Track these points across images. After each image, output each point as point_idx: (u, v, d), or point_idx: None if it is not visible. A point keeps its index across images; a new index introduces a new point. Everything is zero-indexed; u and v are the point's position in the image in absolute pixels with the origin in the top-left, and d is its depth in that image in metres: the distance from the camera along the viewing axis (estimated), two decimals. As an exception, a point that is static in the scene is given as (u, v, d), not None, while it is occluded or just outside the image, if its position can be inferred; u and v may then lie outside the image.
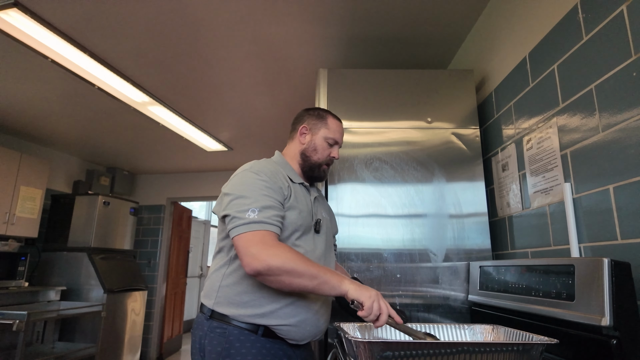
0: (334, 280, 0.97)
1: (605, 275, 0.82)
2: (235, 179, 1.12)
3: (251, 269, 0.96)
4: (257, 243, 0.97)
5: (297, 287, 0.97)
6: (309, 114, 1.27)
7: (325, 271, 0.98)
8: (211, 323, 1.06)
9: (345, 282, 0.97)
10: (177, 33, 2.05)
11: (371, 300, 0.93)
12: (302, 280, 0.96)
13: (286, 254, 0.97)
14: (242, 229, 0.99)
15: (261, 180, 1.08)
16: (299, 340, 1.08)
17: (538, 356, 0.75)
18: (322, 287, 0.96)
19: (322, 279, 0.96)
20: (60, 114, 3.17)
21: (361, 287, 0.96)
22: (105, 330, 3.50)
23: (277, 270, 0.95)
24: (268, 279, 0.97)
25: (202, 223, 7.06)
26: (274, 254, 0.96)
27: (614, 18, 1.00)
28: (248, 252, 0.97)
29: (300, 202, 1.14)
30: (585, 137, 1.10)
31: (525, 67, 1.42)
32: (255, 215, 1.01)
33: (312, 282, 0.96)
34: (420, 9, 1.85)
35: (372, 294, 0.94)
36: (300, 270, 0.95)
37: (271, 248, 0.97)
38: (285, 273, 0.95)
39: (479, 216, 1.52)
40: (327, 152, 1.24)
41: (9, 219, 3.28)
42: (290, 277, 0.95)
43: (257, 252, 0.96)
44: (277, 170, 1.15)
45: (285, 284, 0.97)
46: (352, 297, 0.94)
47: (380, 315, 0.93)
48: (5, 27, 1.96)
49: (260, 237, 0.98)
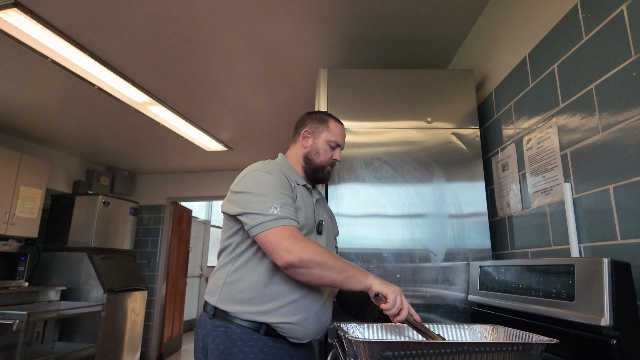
0: (360, 274, 1.01)
1: (605, 275, 0.82)
2: (247, 178, 1.13)
3: (284, 262, 0.99)
4: (289, 237, 1.00)
5: (327, 279, 1.00)
6: (311, 118, 1.30)
7: (352, 266, 1.03)
8: (214, 322, 1.07)
9: (370, 277, 1.02)
10: (177, 33, 2.05)
11: (395, 294, 0.97)
12: (331, 274, 0.99)
13: (316, 248, 1.01)
14: (269, 224, 1.02)
15: (275, 179, 1.10)
16: (301, 338, 1.08)
17: (538, 356, 0.75)
18: (349, 280, 1.00)
19: (349, 272, 1.01)
20: (60, 114, 3.17)
21: (385, 282, 1.01)
22: (105, 330, 3.51)
23: (310, 263, 0.98)
24: (299, 272, 1.00)
25: (202, 223, 7.06)
26: (305, 247, 0.99)
27: (614, 18, 1.00)
28: (281, 246, 0.99)
29: (305, 204, 1.16)
30: (585, 137, 1.10)
31: (525, 67, 1.42)
32: (278, 211, 1.03)
33: (341, 275, 1.00)
34: (420, 9, 1.85)
35: (395, 289, 0.98)
36: (330, 264, 0.99)
37: (302, 242, 1.01)
38: (317, 266, 0.99)
39: (479, 216, 1.52)
40: (329, 155, 1.26)
41: (9, 219, 3.28)
42: (322, 270, 0.99)
43: (290, 246, 0.99)
44: (284, 172, 1.17)
45: (316, 276, 1.00)
46: (376, 290, 0.98)
47: (401, 310, 0.97)
48: (5, 27, 1.96)
49: (290, 232, 1.01)
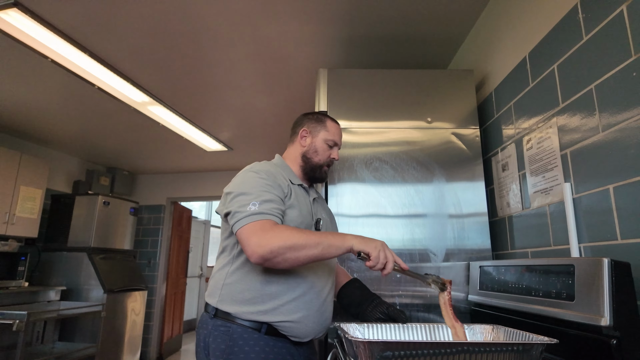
0: (337, 240, 0.99)
1: (605, 275, 0.82)
2: (236, 179, 1.15)
3: (256, 257, 0.98)
4: (257, 231, 0.99)
5: (304, 258, 0.98)
6: (308, 118, 1.31)
7: (326, 235, 1.00)
8: (215, 322, 1.08)
9: (348, 237, 0.99)
10: (177, 33, 2.05)
11: (377, 250, 0.96)
12: (307, 251, 0.97)
13: (283, 232, 0.99)
14: (243, 221, 1.02)
15: (261, 178, 1.11)
16: (302, 337, 1.09)
17: (538, 356, 0.75)
18: (328, 250, 0.98)
19: (325, 243, 0.98)
20: (60, 114, 3.17)
21: (365, 239, 0.98)
22: (105, 330, 3.50)
23: (280, 249, 0.96)
24: (275, 261, 0.98)
25: (202, 223, 7.06)
26: (272, 236, 0.97)
27: (614, 18, 1.00)
28: (250, 241, 0.98)
29: (300, 202, 1.16)
30: (585, 137, 1.10)
31: (525, 67, 1.42)
32: (256, 207, 1.03)
33: (317, 249, 0.97)
34: (420, 9, 1.85)
35: (377, 244, 0.97)
36: (302, 243, 0.97)
37: (269, 232, 0.99)
38: (289, 250, 0.97)
39: (479, 216, 1.52)
40: (327, 154, 1.28)
41: (9, 219, 3.28)
42: (295, 252, 0.97)
43: (258, 239, 0.97)
44: (277, 171, 1.18)
45: (292, 259, 0.98)
46: (358, 249, 0.97)
47: (386, 263, 0.96)
48: (5, 27, 1.96)
49: (260, 226, 1.00)
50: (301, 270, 1.10)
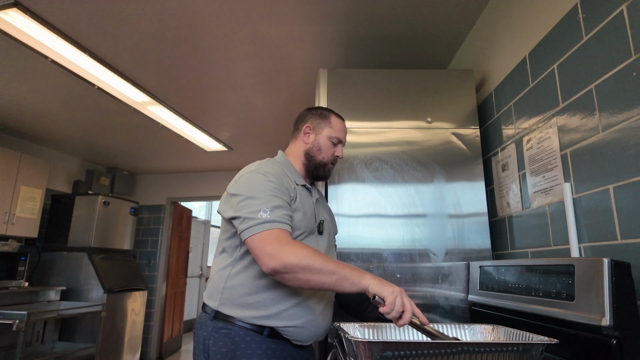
0: (354, 275, 0.93)
1: (605, 275, 0.82)
2: (242, 180, 1.10)
3: (268, 268, 0.94)
4: (273, 241, 0.96)
5: (315, 284, 0.94)
6: (311, 114, 1.27)
7: (344, 267, 0.95)
8: (216, 324, 1.06)
9: (367, 277, 0.93)
10: (177, 33, 2.05)
11: (394, 295, 0.88)
12: (320, 277, 0.93)
13: (302, 251, 0.95)
14: (256, 229, 0.98)
15: (269, 182, 1.07)
16: (304, 341, 1.08)
17: (538, 356, 0.75)
18: (341, 283, 0.93)
19: (341, 274, 0.93)
20: (60, 114, 3.17)
21: (383, 282, 0.92)
22: (105, 330, 3.51)
23: (294, 268, 0.93)
24: (286, 277, 0.95)
25: (202, 223, 7.06)
26: (289, 251, 0.94)
27: (614, 18, 1.00)
28: (264, 251, 0.95)
29: (305, 204, 1.13)
30: (585, 137, 1.10)
31: (525, 67, 1.42)
32: (267, 215, 0.99)
33: (331, 278, 0.93)
34: (420, 9, 1.85)
35: (394, 289, 0.89)
36: (318, 267, 0.93)
37: (286, 245, 0.95)
38: (302, 270, 0.93)
39: (479, 216, 1.52)
40: (331, 151, 1.23)
41: (9, 219, 3.28)
42: (308, 274, 0.93)
43: (274, 251, 0.94)
44: (283, 173, 1.15)
45: (303, 281, 0.94)
46: (373, 292, 0.90)
47: (404, 312, 0.88)
48: (5, 27, 1.96)
49: (275, 236, 0.97)
50: None
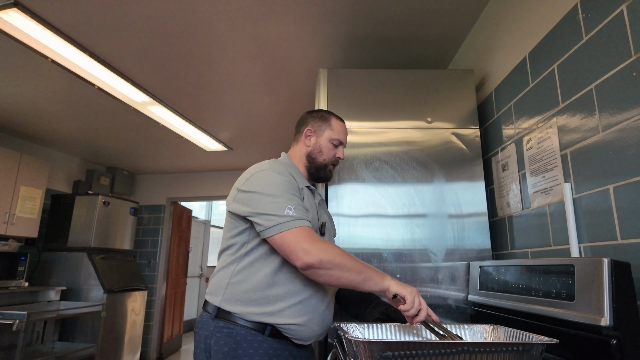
0: (377, 276, 1.01)
1: (605, 275, 0.82)
2: (256, 178, 1.11)
3: (303, 263, 0.98)
4: (306, 238, 0.99)
5: (345, 281, 0.99)
6: (312, 117, 1.29)
7: (369, 267, 1.02)
8: (217, 323, 1.06)
9: (387, 278, 1.01)
10: (177, 33, 2.05)
11: (412, 295, 0.96)
12: (350, 275, 0.98)
13: (334, 249, 1.00)
14: (285, 226, 1.01)
15: (286, 181, 1.10)
16: (305, 340, 1.08)
17: (538, 356, 0.75)
18: (367, 282, 0.99)
19: (367, 274, 0.99)
20: (60, 114, 3.17)
21: (402, 283, 1.00)
22: (105, 330, 3.51)
23: (329, 264, 0.97)
24: (318, 272, 0.99)
25: (202, 223, 7.06)
26: (323, 249, 0.98)
27: (614, 18, 1.00)
28: (299, 247, 0.98)
29: (310, 205, 1.15)
30: (585, 137, 1.10)
31: (525, 67, 1.42)
32: (293, 212, 1.02)
33: (359, 276, 0.99)
34: (420, 9, 1.85)
35: (413, 290, 0.98)
36: (349, 265, 0.99)
37: (319, 242, 1.00)
38: (336, 267, 0.98)
39: (479, 216, 1.52)
40: (332, 153, 1.26)
41: (9, 219, 3.28)
42: (340, 271, 0.98)
43: (309, 247, 0.98)
44: (291, 173, 1.16)
45: (335, 277, 0.99)
46: (394, 291, 0.98)
47: (420, 310, 0.96)
48: (5, 27, 1.96)
49: (307, 233, 1.01)
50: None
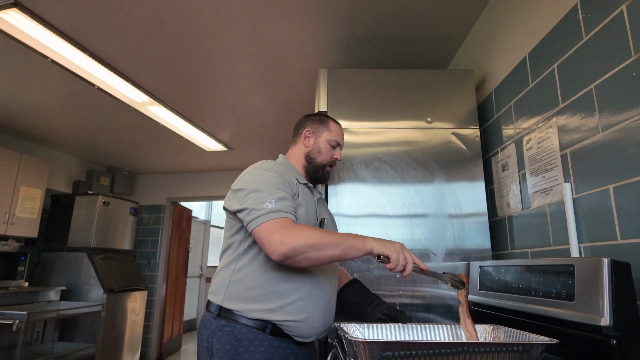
0: (357, 242, 1.00)
1: (605, 275, 0.82)
2: (246, 176, 1.14)
3: (278, 254, 0.98)
4: (278, 229, 1.00)
5: (325, 258, 0.99)
6: (310, 119, 1.33)
7: (347, 236, 1.01)
8: (219, 322, 1.07)
9: (368, 240, 1.00)
10: (177, 33, 2.05)
11: (397, 252, 0.97)
12: (328, 251, 0.98)
13: (306, 231, 1.00)
14: (262, 219, 1.02)
15: (273, 176, 1.11)
16: (306, 337, 1.09)
17: (538, 356, 0.75)
18: (348, 252, 0.99)
19: (346, 244, 0.99)
20: (60, 114, 3.17)
21: (385, 241, 1.00)
22: (105, 330, 3.51)
23: (302, 248, 0.97)
24: (296, 259, 0.99)
25: (202, 223, 7.05)
26: (294, 235, 0.98)
27: (614, 18, 1.00)
28: (272, 239, 0.99)
29: (307, 201, 1.17)
30: (585, 137, 1.10)
31: (525, 67, 1.42)
32: (273, 205, 1.03)
33: (338, 249, 0.99)
34: (420, 9, 1.85)
35: (396, 246, 0.98)
36: (324, 242, 0.98)
37: (291, 230, 1.00)
38: (311, 248, 0.97)
39: (479, 216, 1.52)
40: (330, 154, 1.29)
41: (9, 219, 3.28)
42: (317, 251, 0.98)
43: (280, 237, 0.98)
44: (285, 170, 1.19)
45: (314, 258, 0.99)
46: (377, 252, 0.98)
47: (406, 265, 0.97)
48: (5, 27, 1.96)
49: (280, 224, 1.01)
50: (309, 269, 1.10)
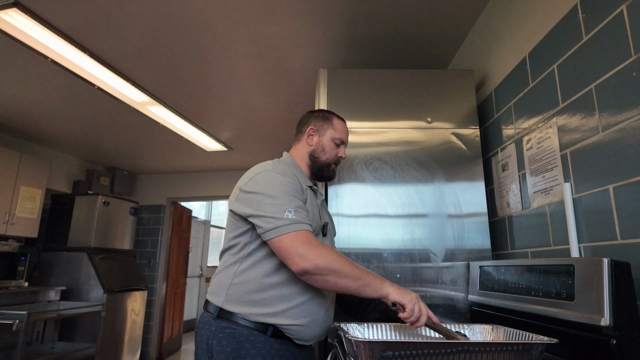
0: (376, 282, 0.99)
1: (605, 275, 0.82)
2: (259, 178, 1.10)
3: (299, 268, 0.97)
4: (303, 242, 0.98)
5: (341, 287, 0.98)
6: (314, 116, 1.29)
7: (367, 273, 1.00)
8: (219, 323, 1.06)
9: (387, 285, 0.99)
10: (177, 33, 2.05)
11: (412, 303, 0.95)
12: (347, 281, 0.97)
13: (331, 255, 0.98)
14: (284, 229, 1.00)
15: (288, 182, 1.08)
16: (307, 340, 1.08)
17: (538, 356, 0.75)
18: (364, 288, 0.98)
19: (364, 280, 0.98)
20: (60, 114, 3.17)
21: (402, 290, 0.98)
22: (105, 330, 3.51)
23: (325, 270, 0.96)
24: (314, 278, 0.98)
25: (202, 223, 7.06)
26: (320, 254, 0.97)
27: (614, 18, 1.00)
28: (296, 251, 0.97)
29: (313, 206, 1.15)
30: (585, 137, 1.10)
31: (525, 67, 1.42)
32: (293, 215, 1.01)
33: (356, 283, 0.97)
34: (420, 9, 1.85)
35: (412, 297, 0.96)
36: (346, 271, 0.97)
37: (316, 247, 0.98)
38: (332, 273, 0.97)
39: (479, 216, 1.52)
40: (334, 152, 1.26)
41: (9, 219, 3.28)
42: (337, 277, 0.97)
43: (305, 252, 0.97)
44: (295, 174, 1.16)
45: (331, 283, 0.98)
46: (393, 299, 0.97)
47: (420, 317, 0.95)
48: (5, 27, 1.96)
49: (304, 237, 0.99)
50: None
